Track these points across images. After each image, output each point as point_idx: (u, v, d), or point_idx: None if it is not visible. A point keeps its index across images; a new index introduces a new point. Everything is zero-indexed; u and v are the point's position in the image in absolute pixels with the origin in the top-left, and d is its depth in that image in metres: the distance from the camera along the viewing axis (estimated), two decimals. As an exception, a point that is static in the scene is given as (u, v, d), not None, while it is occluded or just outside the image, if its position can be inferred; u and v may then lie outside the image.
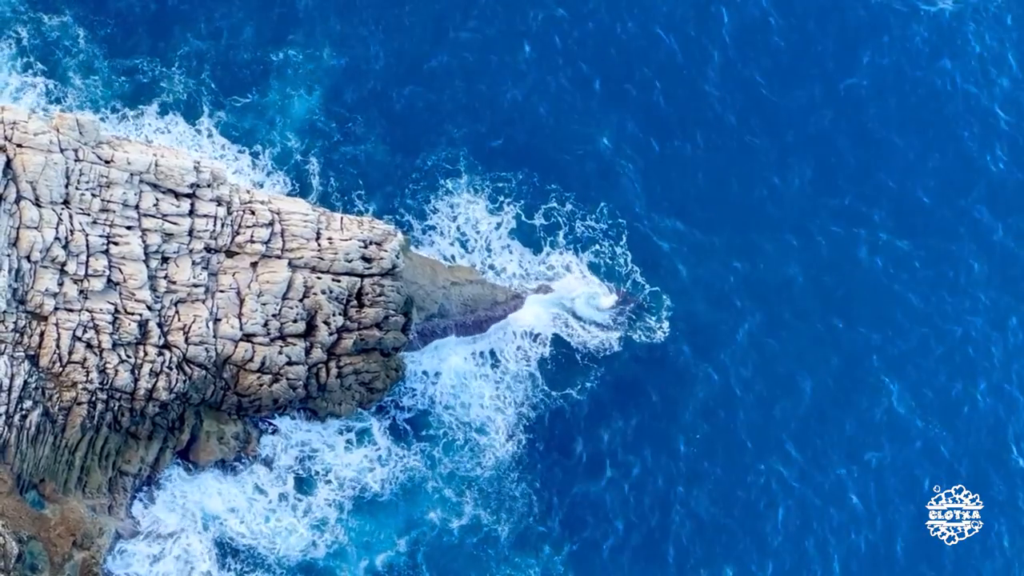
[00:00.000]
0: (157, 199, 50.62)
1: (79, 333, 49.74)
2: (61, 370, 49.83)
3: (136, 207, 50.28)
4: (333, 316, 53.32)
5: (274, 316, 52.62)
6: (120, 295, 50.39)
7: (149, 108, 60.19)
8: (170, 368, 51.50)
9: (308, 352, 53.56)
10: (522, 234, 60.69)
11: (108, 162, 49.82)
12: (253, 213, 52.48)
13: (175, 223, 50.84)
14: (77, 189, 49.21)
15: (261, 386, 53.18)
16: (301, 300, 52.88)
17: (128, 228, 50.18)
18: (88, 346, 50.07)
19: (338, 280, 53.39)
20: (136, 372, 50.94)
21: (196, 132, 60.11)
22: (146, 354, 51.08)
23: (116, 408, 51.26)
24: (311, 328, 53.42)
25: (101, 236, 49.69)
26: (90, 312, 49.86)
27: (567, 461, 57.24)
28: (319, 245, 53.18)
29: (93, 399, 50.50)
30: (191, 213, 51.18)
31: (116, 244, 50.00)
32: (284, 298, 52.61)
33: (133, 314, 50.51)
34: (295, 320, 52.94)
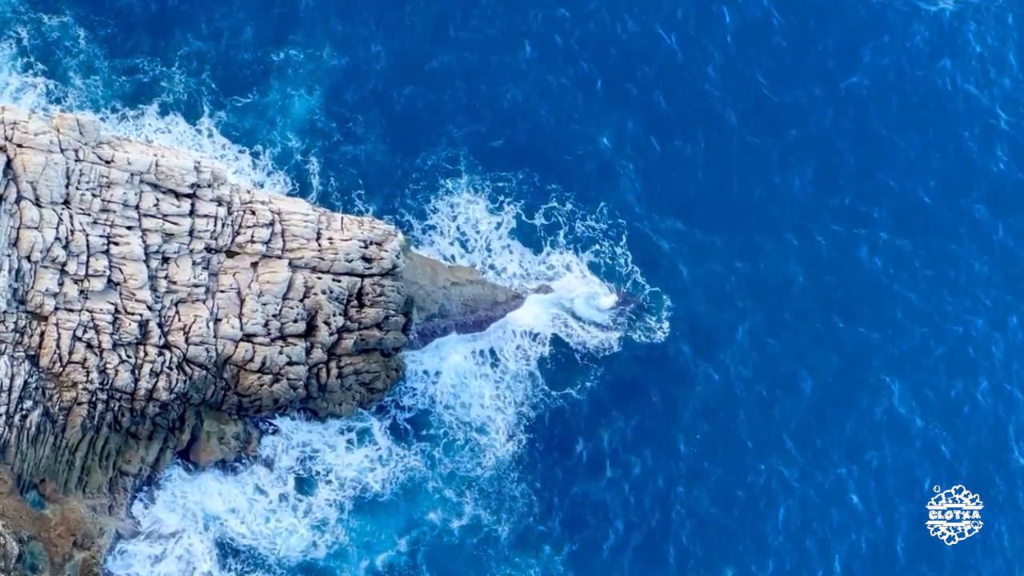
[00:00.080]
0: (157, 199, 50.61)
1: (79, 333, 49.75)
2: (61, 370, 49.83)
3: (136, 207, 50.26)
4: (333, 316, 53.31)
5: (274, 316, 52.62)
6: (120, 295, 50.38)
7: (149, 108, 60.21)
8: (170, 368, 51.50)
9: (308, 352, 53.55)
10: (522, 234, 60.67)
11: (108, 162, 49.80)
12: (254, 213, 52.47)
13: (175, 223, 50.83)
14: (77, 189, 49.19)
15: (261, 386, 53.18)
16: (301, 300, 52.87)
17: (128, 228, 50.17)
18: (88, 346, 50.08)
19: (338, 280, 53.38)
20: (136, 372, 50.94)
21: (196, 132, 60.13)
22: (146, 354, 51.09)
23: (116, 408, 51.26)
24: (311, 328, 53.42)
25: (101, 236, 49.68)
26: (90, 312, 49.86)
27: (567, 461, 57.22)
28: (319, 245, 53.17)
29: (93, 399, 50.50)
30: (191, 213, 51.16)
31: (116, 244, 49.99)
32: (284, 298, 52.60)
33: (133, 314, 50.51)
34: (295, 320, 52.93)
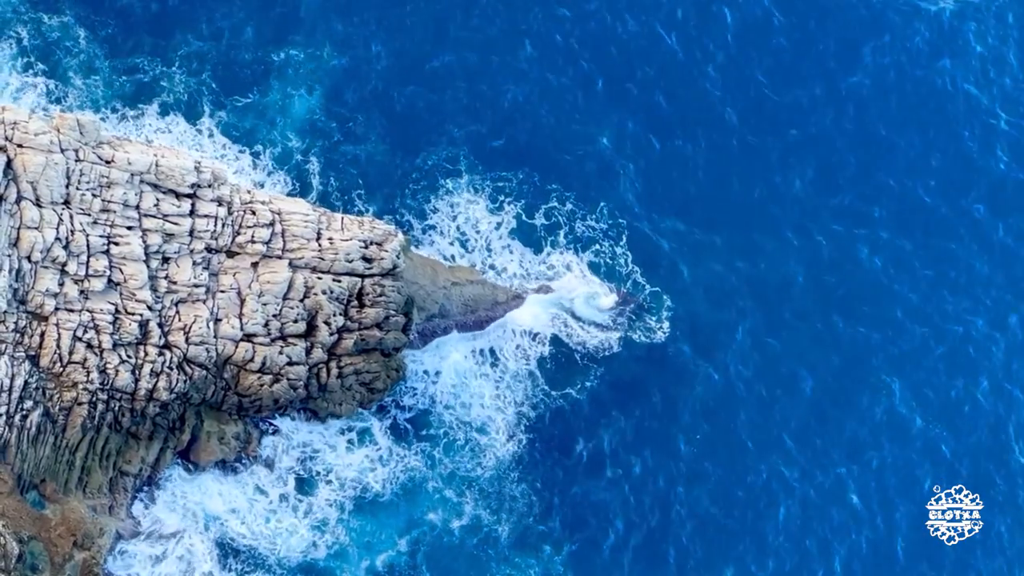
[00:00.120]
0: (158, 199, 50.61)
1: (80, 333, 49.76)
2: (62, 370, 49.84)
3: (137, 207, 50.26)
4: (334, 316, 53.31)
5: (275, 316, 52.62)
6: (121, 295, 50.39)
7: (150, 108, 60.20)
8: (171, 368, 51.51)
9: (309, 352, 53.56)
10: (522, 234, 60.66)
11: (109, 162, 49.80)
12: (254, 213, 52.46)
13: (176, 223, 50.83)
14: (78, 189, 49.19)
15: (262, 386, 53.19)
16: (302, 300, 52.87)
17: (129, 228, 50.17)
18: (88, 346, 50.09)
19: (339, 280, 53.37)
20: (137, 372, 50.96)
21: (197, 132, 60.12)
22: (147, 354, 51.10)
23: (117, 408, 51.28)
24: (312, 328, 53.42)
25: (102, 236, 49.68)
26: (91, 312, 49.87)
27: (567, 461, 57.23)
28: (320, 245, 53.17)
29: (94, 399, 50.52)
30: (192, 213, 51.16)
31: (117, 244, 49.99)
32: (285, 298, 52.60)
33: (134, 314, 50.52)
34: (296, 320, 52.94)
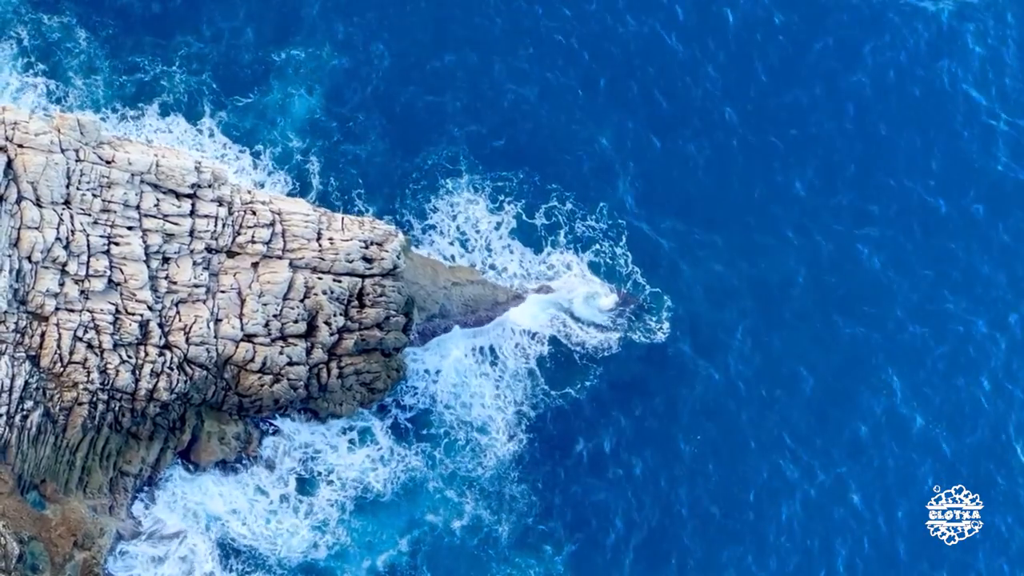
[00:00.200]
0: (158, 199, 50.61)
1: (80, 333, 49.75)
2: (62, 370, 49.84)
3: (137, 207, 50.25)
4: (334, 316, 53.32)
5: (275, 316, 52.62)
6: (121, 295, 50.39)
7: (150, 108, 60.17)
8: (171, 368, 51.51)
9: (309, 352, 53.56)
10: (522, 234, 60.64)
11: (109, 162, 49.79)
12: (254, 213, 52.46)
13: (176, 223, 50.83)
14: (78, 189, 49.19)
15: (262, 386, 53.19)
16: (302, 300, 52.87)
17: (129, 228, 50.16)
18: (89, 346, 50.08)
19: (339, 280, 53.38)
20: (137, 372, 50.96)
21: (197, 132, 60.09)
22: (147, 354, 51.09)
23: (117, 408, 51.28)
24: (312, 328, 53.42)
25: (102, 236, 49.67)
26: (91, 312, 49.87)
27: (568, 461, 57.21)
28: (320, 245, 53.17)
29: (94, 399, 50.52)
30: (192, 213, 51.15)
31: (117, 244, 49.99)
32: (285, 298, 52.61)
33: (134, 314, 50.52)
34: (296, 320, 52.93)
